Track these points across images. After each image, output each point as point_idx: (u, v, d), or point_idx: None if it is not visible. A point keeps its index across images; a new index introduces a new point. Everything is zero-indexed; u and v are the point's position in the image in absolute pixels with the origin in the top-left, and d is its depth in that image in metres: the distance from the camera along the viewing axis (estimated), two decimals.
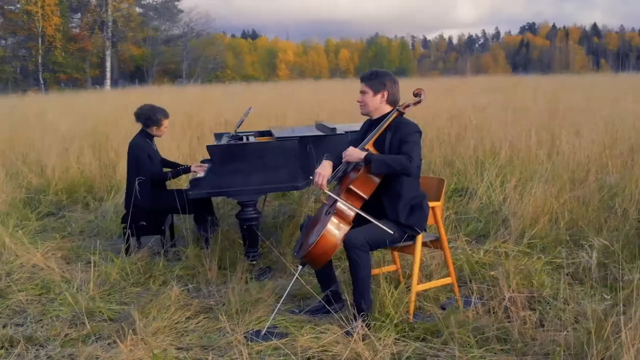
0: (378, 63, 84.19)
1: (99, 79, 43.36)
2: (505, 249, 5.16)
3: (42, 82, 39.64)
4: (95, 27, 43.19)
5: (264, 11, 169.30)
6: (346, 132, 5.68)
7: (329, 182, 4.35)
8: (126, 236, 5.63)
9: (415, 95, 4.36)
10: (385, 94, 4.27)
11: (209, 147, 5.25)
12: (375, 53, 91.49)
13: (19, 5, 39.88)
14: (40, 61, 40.10)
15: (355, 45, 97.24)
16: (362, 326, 4.00)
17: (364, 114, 4.42)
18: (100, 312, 4.54)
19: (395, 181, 4.18)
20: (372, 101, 4.29)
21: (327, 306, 4.37)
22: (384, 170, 4.07)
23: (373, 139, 4.27)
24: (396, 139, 4.17)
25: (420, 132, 4.19)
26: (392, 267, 4.84)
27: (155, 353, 3.58)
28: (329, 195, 4.21)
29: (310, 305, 4.50)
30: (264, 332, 4.08)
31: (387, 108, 4.31)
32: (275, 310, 4.24)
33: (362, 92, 4.30)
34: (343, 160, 4.26)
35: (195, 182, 5.33)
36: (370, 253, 4.10)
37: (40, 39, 40.37)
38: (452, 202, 6.71)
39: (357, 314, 4.07)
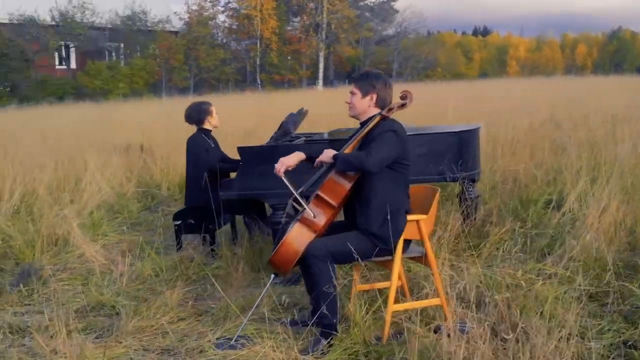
0: (619, 58, 78.19)
1: (313, 80, 45.10)
2: (549, 270, 4.55)
3: (259, 82, 42.29)
4: (310, 29, 44.97)
5: (497, 7, 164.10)
6: None
7: (308, 187, 4.14)
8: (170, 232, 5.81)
9: (402, 98, 4.02)
10: (374, 96, 3.96)
11: (239, 148, 5.24)
12: (617, 47, 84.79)
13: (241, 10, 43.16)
14: (258, 63, 42.82)
15: (595, 40, 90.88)
16: (323, 344, 3.78)
17: (351, 116, 4.15)
18: (112, 306, 4.72)
19: (366, 186, 3.88)
20: (360, 103, 3.99)
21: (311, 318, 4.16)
22: (346, 168, 3.80)
23: (354, 143, 4.00)
24: (370, 140, 3.87)
25: (394, 131, 3.84)
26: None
27: (87, 354, 3.62)
28: (298, 200, 4.00)
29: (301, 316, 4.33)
30: (233, 340, 4.00)
31: (375, 111, 3.99)
32: (246, 320, 4.12)
33: (351, 93, 4.03)
34: (319, 162, 4.02)
35: (227, 182, 5.34)
36: (333, 265, 3.80)
37: (258, 41, 43.12)
38: (535, 214, 6.04)
39: (319, 331, 3.85)
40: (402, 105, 3.99)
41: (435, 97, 20.18)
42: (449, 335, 3.58)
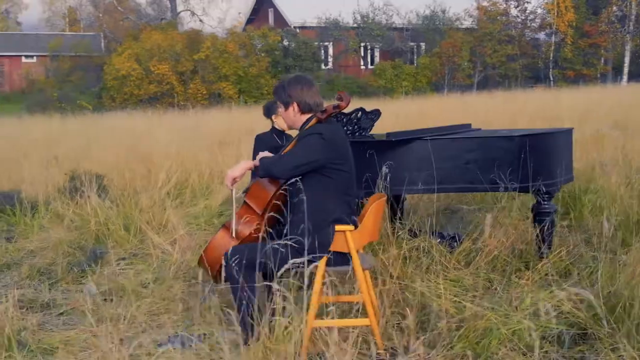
0: None
1: (615, 75, 41.02)
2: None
3: (550, 79, 39.85)
4: (615, 21, 40.96)
5: None
6: (422, 139, 4.76)
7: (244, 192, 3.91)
8: None
9: (337, 99, 3.73)
10: (295, 105, 3.70)
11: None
12: None
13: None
14: (551, 58, 40.36)
15: None
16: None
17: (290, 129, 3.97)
18: (138, 292, 4.92)
19: (293, 192, 3.62)
20: (287, 116, 3.79)
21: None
22: (261, 173, 3.64)
23: (287, 149, 3.78)
24: None
25: (319, 134, 3.56)
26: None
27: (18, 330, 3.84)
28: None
29: None
30: (179, 337, 3.99)
31: (306, 117, 3.73)
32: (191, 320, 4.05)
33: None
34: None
35: None
36: (250, 273, 3.57)
37: (552, 36, 40.61)
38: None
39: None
40: (337, 107, 3.66)
41: None
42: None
